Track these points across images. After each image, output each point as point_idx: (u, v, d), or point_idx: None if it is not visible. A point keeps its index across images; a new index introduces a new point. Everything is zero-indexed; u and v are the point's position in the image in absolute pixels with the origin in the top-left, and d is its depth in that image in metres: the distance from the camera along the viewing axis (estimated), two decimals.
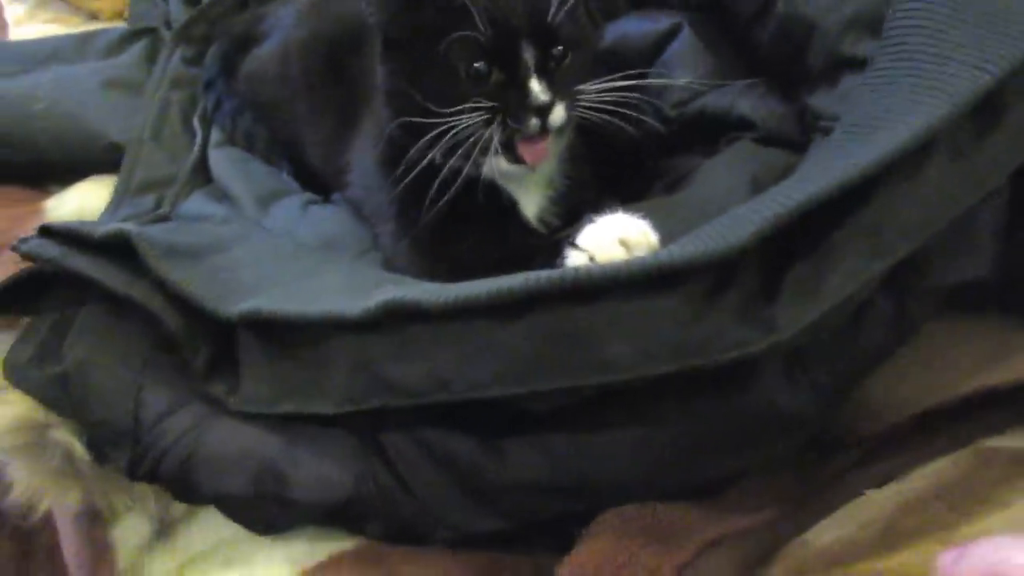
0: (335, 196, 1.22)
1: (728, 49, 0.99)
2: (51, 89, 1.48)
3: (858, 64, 0.82)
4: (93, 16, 2.00)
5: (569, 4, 0.86)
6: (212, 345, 0.84)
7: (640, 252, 0.68)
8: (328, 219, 1.12)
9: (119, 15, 1.96)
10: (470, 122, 0.83)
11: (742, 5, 0.93)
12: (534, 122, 0.84)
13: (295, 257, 0.94)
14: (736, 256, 0.63)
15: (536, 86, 0.83)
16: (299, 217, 1.13)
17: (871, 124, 0.69)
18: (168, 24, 1.72)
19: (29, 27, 1.99)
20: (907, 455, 0.75)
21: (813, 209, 0.63)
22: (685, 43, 0.99)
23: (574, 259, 0.72)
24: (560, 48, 0.87)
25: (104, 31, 1.74)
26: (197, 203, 1.22)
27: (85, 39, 1.70)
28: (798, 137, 0.90)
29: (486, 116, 0.83)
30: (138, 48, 1.65)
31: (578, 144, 0.99)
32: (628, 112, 0.87)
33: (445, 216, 0.90)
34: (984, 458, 0.73)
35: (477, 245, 0.92)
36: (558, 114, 0.85)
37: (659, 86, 0.98)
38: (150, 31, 1.70)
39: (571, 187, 1.00)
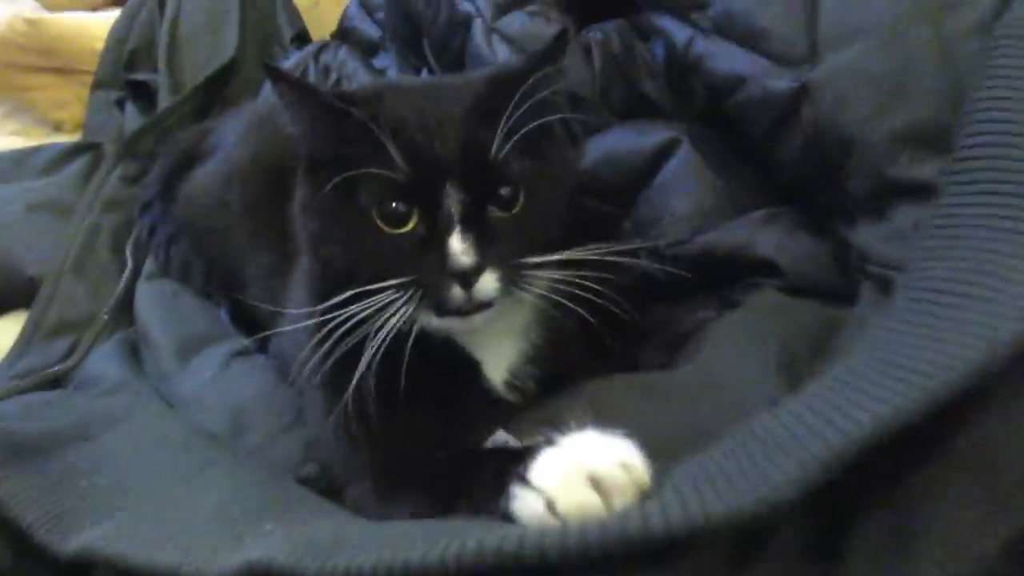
0: (271, 347, 1.01)
1: (740, 169, 0.78)
2: None
3: (918, 191, 0.61)
4: (57, 127, 1.90)
5: (529, 128, 0.66)
6: None
7: (621, 497, 0.45)
8: (247, 383, 0.90)
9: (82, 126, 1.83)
10: (381, 301, 0.64)
11: (755, 115, 0.71)
12: (456, 291, 0.64)
13: (181, 449, 0.72)
14: (768, 516, 0.40)
15: (457, 244, 0.64)
16: (215, 378, 0.92)
17: (955, 294, 0.46)
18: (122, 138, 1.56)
19: None
20: None
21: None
22: (684, 162, 0.78)
23: (524, 504, 0.48)
24: (510, 189, 0.67)
25: (46, 147, 1.59)
26: (100, 358, 1.01)
27: (23, 156, 1.55)
28: (838, 284, 0.68)
29: (397, 294, 0.64)
30: (77, 165, 1.49)
31: (558, 290, 0.77)
32: (596, 285, 0.67)
33: (384, 384, 0.68)
34: None
35: (421, 431, 0.70)
36: (488, 284, 0.65)
37: (656, 215, 0.77)
38: (94, 146, 1.54)
39: (550, 340, 0.78)
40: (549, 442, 0.49)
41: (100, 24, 1.82)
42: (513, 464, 0.51)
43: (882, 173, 0.63)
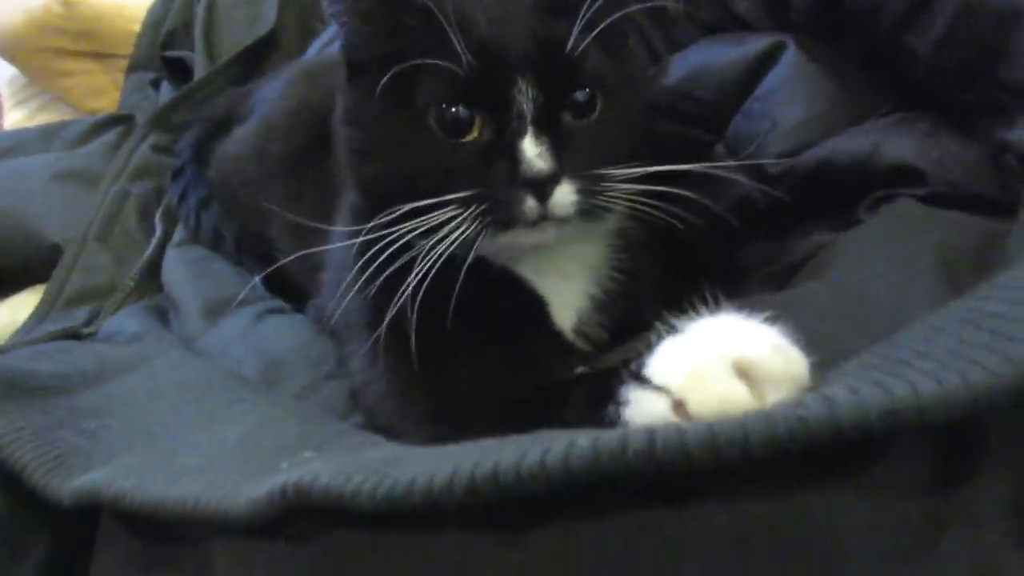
0: (310, 304, 0.91)
1: (857, 73, 0.66)
2: None
3: None
4: (93, 116, 1.84)
5: (602, 26, 0.57)
6: (55, 537, 0.54)
7: (777, 390, 0.34)
8: (282, 334, 0.80)
9: None
10: (437, 219, 0.55)
11: (884, 2, 0.60)
12: (529, 204, 0.55)
13: (205, 390, 0.61)
14: (1006, 399, 0.28)
15: (531, 148, 0.54)
16: (245, 332, 0.82)
17: None
18: None
19: None
20: None
21: None
22: (792, 66, 0.66)
23: (643, 407, 0.37)
24: (587, 92, 0.58)
25: (76, 121, 1.53)
26: (120, 317, 0.92)
27: (53, 129, 1.49)
28: (994, 192, 0.56)
29: (459, 210, 0.55)
30: (108, 137, 1.41)
31: (634, 222, 0.66)
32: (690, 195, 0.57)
33: (437, 325, 0.58)
34: None
35: (485, 369, 0.60)
36: (564, 196, 0.56)
37: (760, 126, 0.66)
38: (126, 119, 1.47)
39: (625, 285, 0.68)
40: (670, 331, 0.38)
41: (137, 6, 1.78)
42: (617, 370, 0.40)
43: None
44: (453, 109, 0.57)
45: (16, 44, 1.80)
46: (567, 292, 0.66)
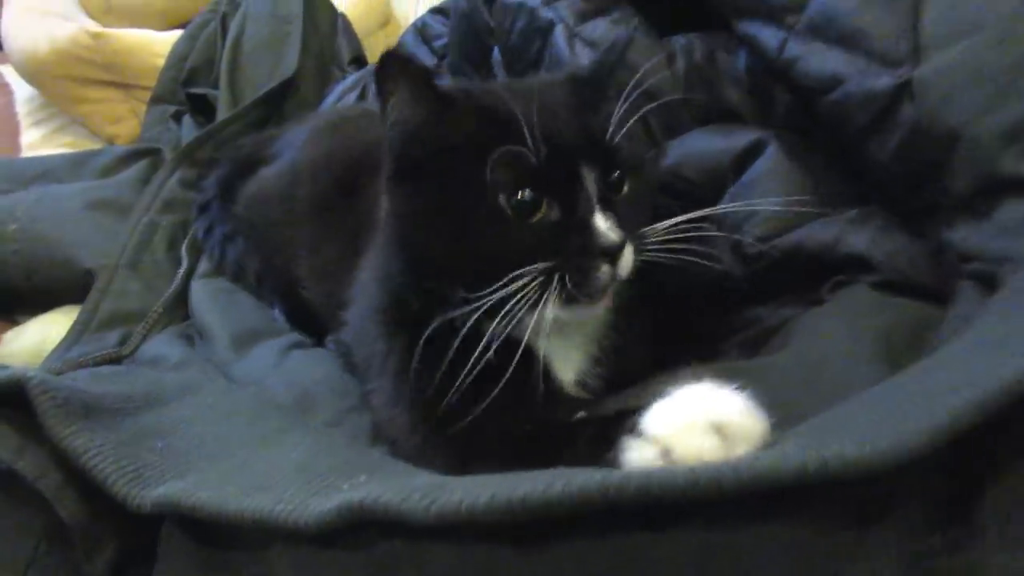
0: (330, 339, 1.01)
1: (827, 171, 0.78)
2: (29, 209, 1.31)
3: None
4: (110, 142, 1.92)
5: (631, 122, 0.68)
6: (123, 540, 0.61)
7: (743, 445, 0.44)
8: (309, 368, 0.89)
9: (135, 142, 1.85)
10: (522, 292, 0.62)
11: (851, 114, 0.71)
12: (604, 269, 0.64)
13: (254, 417, 0.70)
14: (905, 464, 0.38)
15: (602, 223, 0.63)
16: (275, 364, 0.91)
17: None
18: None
19: (44, 151, 1.89)
20: None
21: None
22: (772, 161, 0.78)
23: (637, 455, 0.47)
24: (618, 174, 0.68)
25: (106, 150, 1.61)
26: (159, 343, 1.00)
27: (83, 158, 1.56)
28: (934, 283, 0.67)
29: (541, 279, 0.63)
30: (137, 168, 1.50)
31: (630, 290, 0.76)
32: (698, 251, 0.67)
33: (453, 377, 0.67)
34: None
35: (493, 415, 0.68)
36: (628, 258, 0.65)
37: (742, 213, 0.76)
38: (153, 152, 1.56)
39: (620, 344, 0.77)
40: (658, 396, 0.48)
41: (163, 42, 1.84)
42: (616, 422, 0.49)
43: (988, 170, 0.63)
44: (524, 193, 0.64)
45: (40, 70, 1.84)
46: (570, 351, 0.75)
